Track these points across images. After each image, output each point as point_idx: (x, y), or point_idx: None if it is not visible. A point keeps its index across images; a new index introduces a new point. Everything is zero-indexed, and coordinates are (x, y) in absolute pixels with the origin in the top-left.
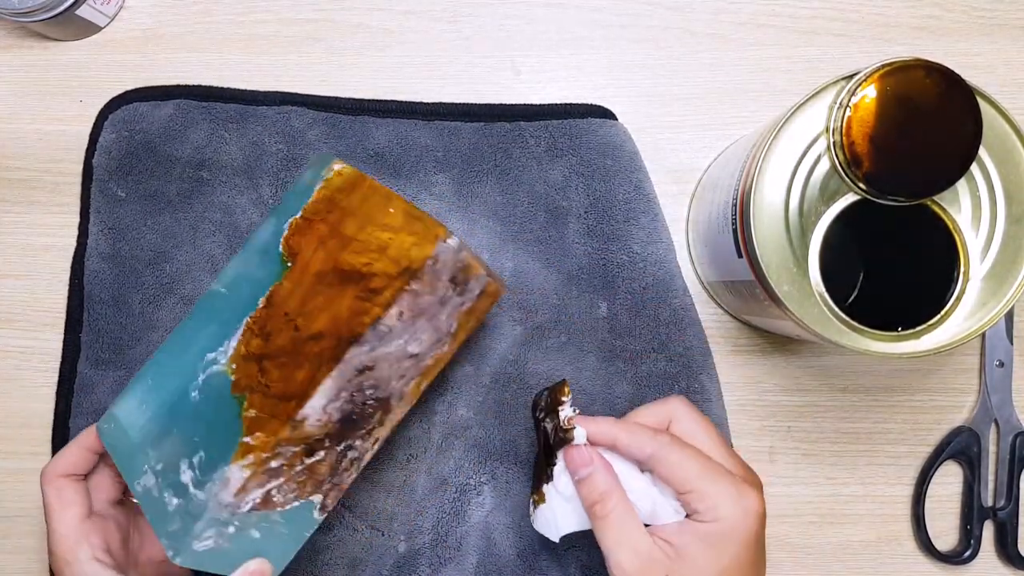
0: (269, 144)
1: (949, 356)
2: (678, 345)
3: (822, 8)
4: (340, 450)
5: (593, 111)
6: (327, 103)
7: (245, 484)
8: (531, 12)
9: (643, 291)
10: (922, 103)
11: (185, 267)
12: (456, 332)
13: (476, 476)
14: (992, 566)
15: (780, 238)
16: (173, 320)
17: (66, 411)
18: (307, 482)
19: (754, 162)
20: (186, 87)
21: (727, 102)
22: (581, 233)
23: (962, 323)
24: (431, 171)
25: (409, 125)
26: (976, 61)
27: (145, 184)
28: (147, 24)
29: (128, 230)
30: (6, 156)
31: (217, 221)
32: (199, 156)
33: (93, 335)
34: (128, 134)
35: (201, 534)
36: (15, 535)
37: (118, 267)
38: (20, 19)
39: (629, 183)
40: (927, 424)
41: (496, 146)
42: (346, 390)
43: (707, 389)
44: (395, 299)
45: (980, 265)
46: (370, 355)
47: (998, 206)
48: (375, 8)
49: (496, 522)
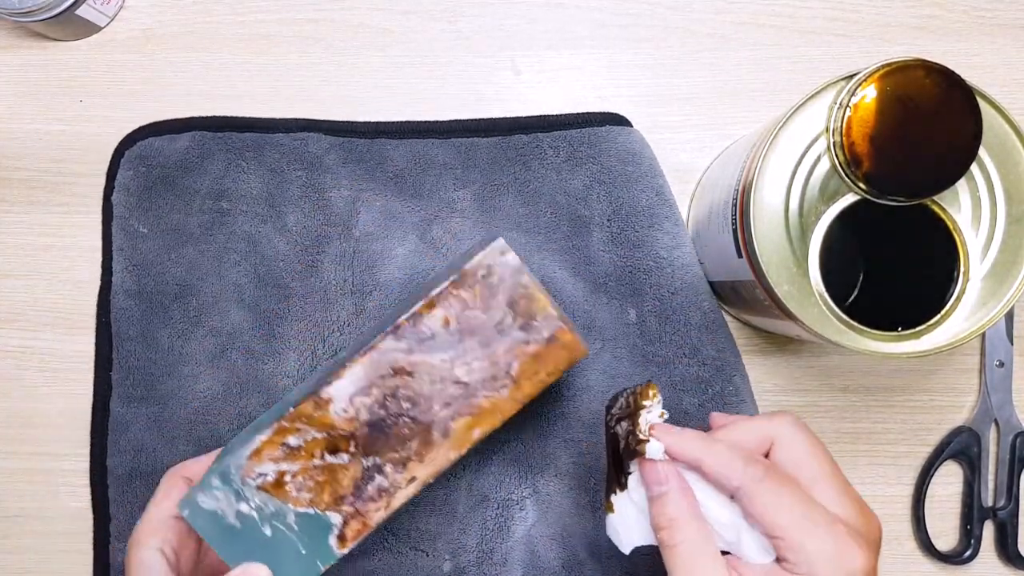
0: (288, 171)
1: (949, 356)
2: (710, 348)
3: (822, 8)
4: (366, 466)
5: (609, 119)
6: (343, 128)
7: (261, 448)
8: (531, 12)
9: (672, 296)
10: (922, 103)
11: (212, 299)
12: (518, 378)
13: (518, 491)
14: (992, 566)
15: (780, 238)
16: (203, 353)
17: (102, 452)
18: (325, 487)
19: (754, 162)
20: (200, 119)
21: (727, 102)
22: (605, 241)
23: (962, 323)
24: (451, 188)
25: (426, 144)
26: (976, 61)
27: (166, 218)
28: (147, 24)
29: (152, 265)
30: (6, 156)
31: (242, 251)
32: (218, 187)
33: (124, 373)
34: (145, 169)
35: (211, 487)
36: (15, 535)
37: (145, 303)
38: (20, 19)
39: (651, 189)
40: (927, 424)
41: (515, 159)
42: (378, 387)
43: (741, 391)
44: (439, 300)
45: (980, 265)
46: (408, 358)
47: (998, 206)
48: (375, 8)
49: (539, 534)
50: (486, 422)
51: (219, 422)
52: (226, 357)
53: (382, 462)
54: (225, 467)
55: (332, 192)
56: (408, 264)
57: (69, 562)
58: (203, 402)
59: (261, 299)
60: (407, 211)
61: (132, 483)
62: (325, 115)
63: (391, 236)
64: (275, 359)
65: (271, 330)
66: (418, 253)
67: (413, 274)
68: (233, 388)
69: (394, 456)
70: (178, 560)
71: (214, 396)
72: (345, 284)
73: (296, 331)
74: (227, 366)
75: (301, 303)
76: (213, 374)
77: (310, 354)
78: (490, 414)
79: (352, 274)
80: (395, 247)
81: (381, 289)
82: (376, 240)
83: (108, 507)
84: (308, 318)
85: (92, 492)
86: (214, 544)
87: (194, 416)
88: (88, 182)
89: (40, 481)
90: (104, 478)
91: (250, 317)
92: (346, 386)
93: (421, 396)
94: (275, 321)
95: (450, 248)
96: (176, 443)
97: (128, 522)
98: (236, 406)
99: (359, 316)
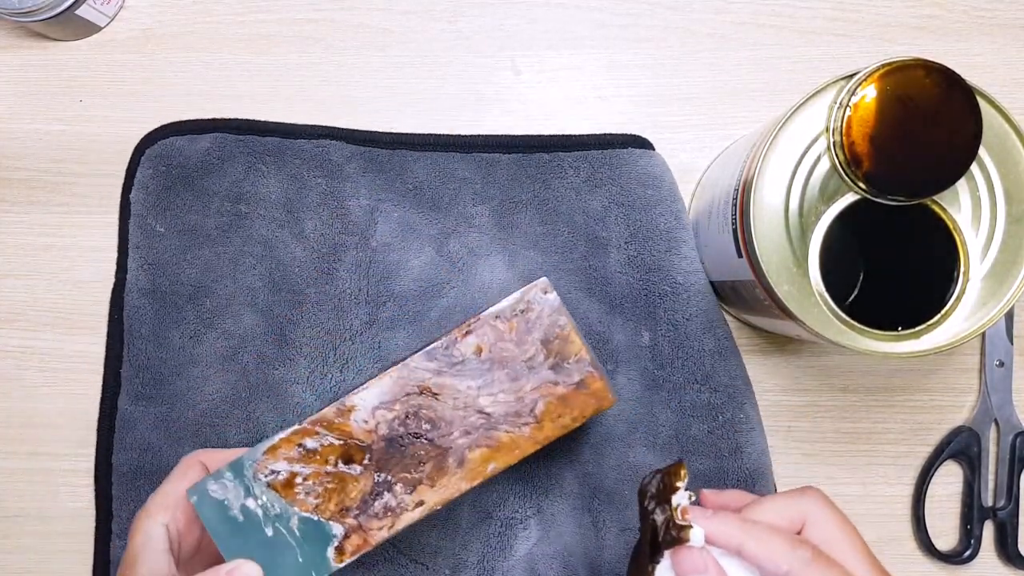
0: (308, 178)
1: (949, 356)
2: (722, 376)
3: (822, 8)
4: (377, 482)
5: (631, 141)
6: (365, 137)
7: (278, 445)
8: (531, 12)
9: (686, 322)
10: (922, 103)
11: (225, 302)
12: (541, 418)
13: (522, 510)
14: (992, 566)
15: (780, 238)
16: (214, 355)
17: (108, 448)
18: (333, 496)
19: (754, 162)
20: (222, 120)
21: (727, 102)
22: (622, 263)
23: (962, 323)
24: (470, 203)
25: (447, 158)
26: (976, 61)
27: (184, 219)
28: (147, 24)
29: (167, 265)
30: (6, 156)
31: (257, 255)
32: (237, 190)
33: (133, 371)
34: (165, 169)
35: (221, 477)
36: (15, 535)
37: (158, 302)
38: (20, 19)
39: (670, 213)
40: (927, 424)
41: (535, 177)
42: (402, 404)
43: (751, 419)
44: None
45: (980, 265)
46: (436, 379)
47: (998, 206)
48: (375, 8)
49: (541, 553)
50: (502, 458)
51: (226, 425)
52: (237, 360)
53: (393, 480)
54: (240, 460)
55: (351, 201)
56: (423, 276)
57: (69, 562)
58: (211, 404)
59: (275, 304)
60: (425, 223)
61: (136, 481)
62: (325, 114)
63: (408, 247)
64: (286, 365)
65: (283, 335)
66: (434, 266)
67: (428, 286)
68: (242, 392)
69: (406, 476)
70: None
71: (223, 399)
72: (360, 293)
73: (308, 338)
74: (237, 369)
75: (314, 310)
76: (223, 377)
77: (321, 361)
78: (508, 450)
79: (367, 283)
80: (411, 259)
81: (395, 300)
82: (393, 251)
83: (111, 504)
84: (321, 325)
85: (96, 488)
86: (214, 534)
87: (201, 418)
88: (88, 182)
89: (40, 481)
90: (109, 475)
91: (263, 321)
92: (371, 397)
93: (442, 420)
94: (287, 327)
95: (466, 263)
96: (182, 444)
97: (131, 520)
98: (244, 410)
99: (372, 326)
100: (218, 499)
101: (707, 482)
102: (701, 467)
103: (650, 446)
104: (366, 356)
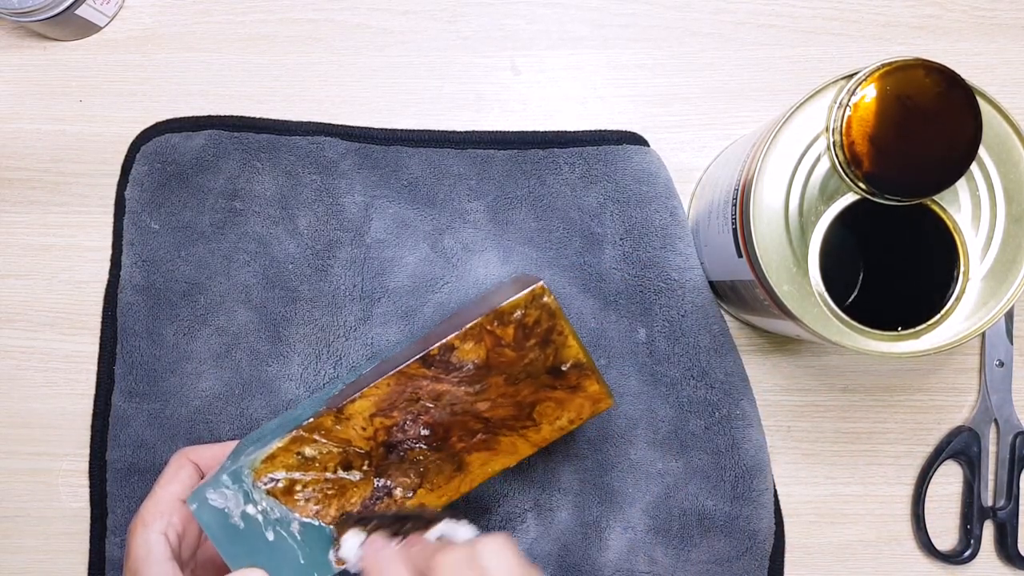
0: (303, 174)
1: (949, 356)
2: (719, 372)
3: (822, 8)
4: (377, 487)
5: (627, 137)
6: (359, 133)
7: (276, 454)
8: (531, 12)
9: (682, 318)
10: (922, 103)
11: (219, 298)
12: (539, 421)
13: (520, 505)
14: (992, 566)
15: (780, 238)
16: (207, 352)
17: (102, 445)
18: (333, 501)
19: (754, 162)
20: (217, 117)
21: (727, 102)
22: (617, 259)
23: (962, 323)
24: (465, 199)
25: (442, 154)
26: (976, 61)
27: (178, 215)
28: (147, 24)
29: (162, 262)
30: (6, 156)
31: (252, 252)
32: (232, 186)
33: (127, 367)
34: (160, 166)
35: (220, 485)
36: (15, 535)
37: (152, 299)
38: (20, 19)
39: (665, 210)
40: (927, 424)
41: (530, 173)
42: (400, 410)
43: (748, 415)
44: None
45: (980, 265)
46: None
47: (998, 206)
48: (375, 8)
49: (539, 550)
50: (501, 461)
51: (220, 422)
52: (230, 357)
53: (393, 485)
54: (238, 468)
55: (346, 197)
56: (418, 272)
57: (69, 562)
58: (205, 401)
59: (269, 300)
60: (420, 220)
61: (131, 478)
62: (325, 115)
63: (402, 244)
64: (279, 361)
65: (277, 332)
66: (428, 262)
67: (422, 282)
68: (236, 388)
69: (405, 481)
70: (180, 545)
71: (216, 395)
72: (354, 289)
73: (302, 334)
74: (231, 366)
75: (308, 307)
76: (216, 373)
77: (315, 358)
78: (506, 453)
79: (362, 280)
80: (406, 255)
81: (390, 296)
82: (387, 247)
83: (106, 501)
84: (315, 322)
85: (91, 486)
86: (216, 541)
87: (195, 414)
88: (88, 182)
89: (40, 481)
90: (103, 472)
91: (256, 318)
92: (368, 404)
93: (441, 425)
94: (281, 323)
95: (461, 259)
96: (176, 440)
97: (125, 517)
98: (238, 406)
99: (366, 322)
100: (218, 507)
101: (705, 478)
102: (699, 463)
103: (651, 442)
104: (360, 352)
